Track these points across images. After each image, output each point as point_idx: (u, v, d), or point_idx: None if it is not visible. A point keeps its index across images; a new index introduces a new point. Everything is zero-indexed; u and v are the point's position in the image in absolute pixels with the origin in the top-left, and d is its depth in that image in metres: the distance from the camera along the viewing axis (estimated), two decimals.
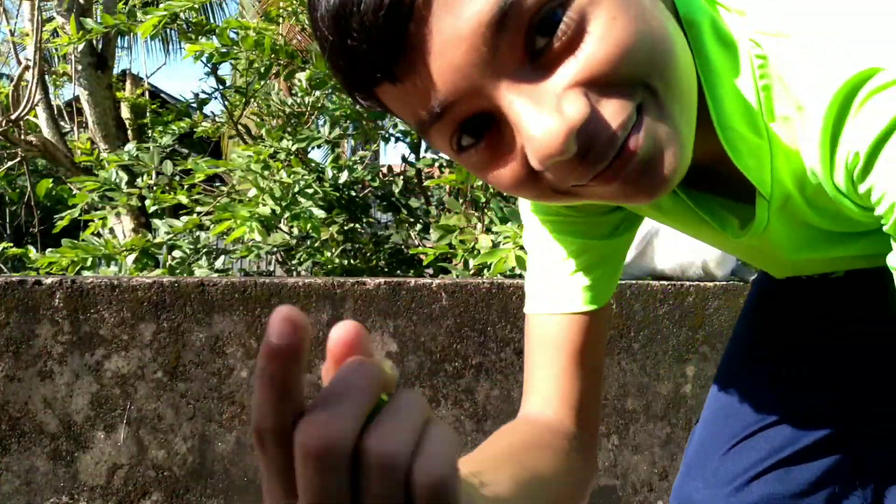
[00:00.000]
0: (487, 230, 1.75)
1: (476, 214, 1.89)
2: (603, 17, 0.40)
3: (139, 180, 2.18)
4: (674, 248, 1.30)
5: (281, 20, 2.68)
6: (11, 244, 2.70)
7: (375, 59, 0.42)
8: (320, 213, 1.99)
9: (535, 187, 0.47)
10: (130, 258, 1.90)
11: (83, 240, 1.92)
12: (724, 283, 1.26)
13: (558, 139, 0.40)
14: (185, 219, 2.02)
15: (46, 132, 3.59)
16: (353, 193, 2.33)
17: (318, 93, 2.35)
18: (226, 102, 2.69)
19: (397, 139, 2.52)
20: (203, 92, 2.67)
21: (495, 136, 0.45)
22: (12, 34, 3.87)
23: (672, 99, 0.44)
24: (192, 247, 2.07)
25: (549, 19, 0.40)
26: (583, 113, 0.41)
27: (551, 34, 0.41)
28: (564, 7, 0.40)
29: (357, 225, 2.35)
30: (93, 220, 2.16)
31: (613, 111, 0.42)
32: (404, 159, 2.53)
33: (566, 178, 0.44)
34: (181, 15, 2.32)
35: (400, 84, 0.43)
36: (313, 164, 2.30)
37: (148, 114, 3.49)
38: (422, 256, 2.15)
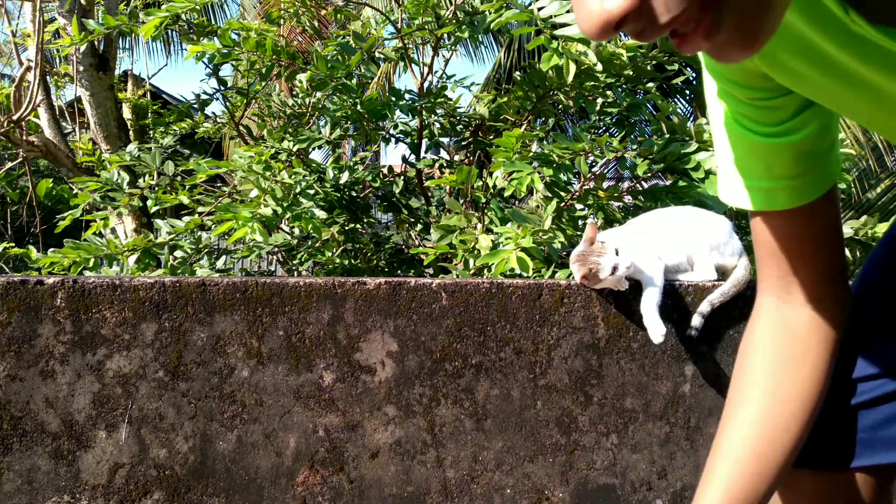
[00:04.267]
0: (488, 230, 1.76)
1: (476, 215, 1.90)
2: None
3: (141, 181, 2.19)
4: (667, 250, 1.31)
5: (282, 21, 2.69)
6: (13, 244, 2.71)
7: None
8: (321, 214, 2.00)
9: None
10: (132, 258, 1.90)
11: (85, 240, 1.93)
12: (719, 282, 1.26)
13: (594, 27, 0.40)
14: (186, 219, 2.03)
15: (48, 133, 3.60)
16: (354, 194, 2.34)
17: (318, 94, 2.35)
18: (227, 103, 2.69)
19: (398, 140, 2.53)
20: (204, 93, 2.68)
21: None
22: (14, 35, 3.88)
23: None
24: (193, 247, 2.07)
25: None
26: (623, 6, 0.39)
27: None
28: None
29: (358, 225, 2.35)
30: (94, 221, 2.17)
31: (665, 4, 0.39)
32: (405, 160, 2.54)
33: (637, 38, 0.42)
34: (183, 16, 2.33)
35: None
36: (314, 165, 2.31)
37: (149, 114, 3.50)
38: (422, 256, 2.16)
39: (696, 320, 1.22)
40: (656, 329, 1.17)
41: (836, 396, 0.76)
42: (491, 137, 2.46)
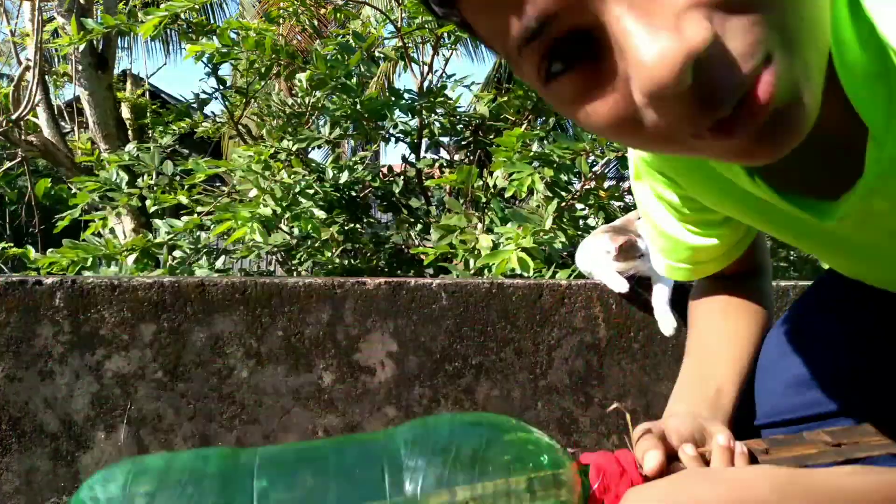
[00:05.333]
0: (488, 230, 1.76)
1: (476, 215, 1.89)
2: None
3: (140, 180, 2.18)
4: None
5: (281, 21, 2.68)
6: (11, 244, 2.70)
7: None
8: (321, 214, 1.99)
9: (636, 130, 0.38)
10: (131, 258, 1.90)
11: (84, 240, 1.92)
12: None
13: (674, 65, 0.32)
14: (185, 219, 2.02)
15: (47, 132, 3.60)
16: (354, 193, 2.33)
17: (318, 93, 2.35)
18: (226, 103, 2.69)
19: (398, 139, 2.53)
20: (203, 92, 2.67)
21: (594, 61, 0.37)
22: (13, 34, 3.87)
23: (808, 38, 0.35)
24: (192, 247, 2.07)
25: None
26: (705, 37, 0.32)
27: None
28: None
29: (357, 225, 2.35)
30: (93, 221, 2.16)
31: (743, 46, 0.33)
32: (405, 159, 2.54)
33: (675, 124, 0.36)
34: (182, 15, 2.32)
35: None
36: (314, 165, 2.30)
37: (148, 114, 3.49)
38: (422, 256, 2.15)
39: None
40: (668, 322, 1.19)
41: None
42: (491, 137, 2.46)
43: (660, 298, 1.21)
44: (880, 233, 0.56)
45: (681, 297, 1.25)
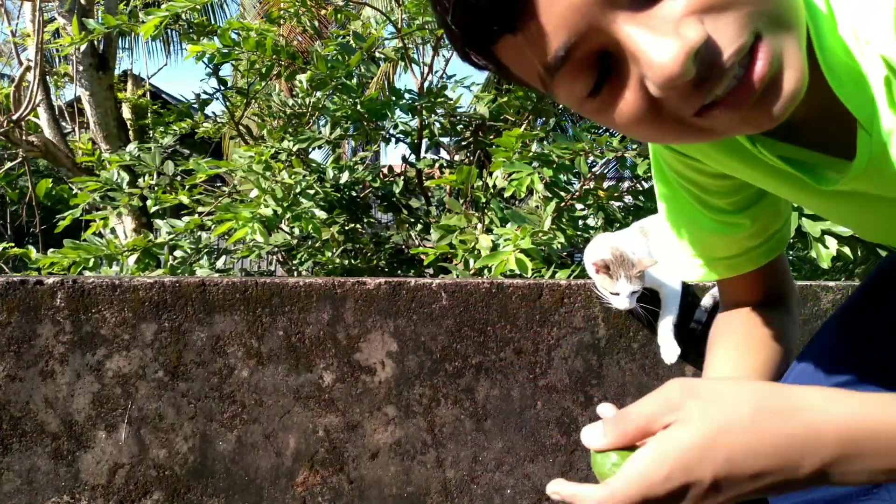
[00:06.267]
0: (488, 230, 1.76)
1: (476, 215, 1.90)
2: None
3: (141, 181, 2.19)
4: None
5: (282, 21, 2.69)
6: (13, 244, 2.71)
7: (496, 11, 0.44)
8: (321, 214, 2.00)
9: (657, 121, 0.48)
10: (132, 258, 1.90)
11: (85, 240, 1.93)
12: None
13: (679, 61, 0.42)
14: (186, 219, 2.03)
15: (48, 133, 3.60)
16: (354, 194, 2.34)
17: (319, 94, 2.35)
18: (227, 103, 2.69)
19: (398, 140, 2.53)
20: (204, 93, 2.68)
21: (616, 76, 0.47)
22: (14, 35, 3.88)
23: (790, 21, 0.44)
24: (193, 247, 2.07)
25: None
26: (701, 35, 0.42)
27: None
28: None
29: (358, 225, 2.35)
30: (94, 221, 2.17)
31: (730, 36, 0.43)
32: (405, 160, 2.54)
33: (686, 104, 0.45)
34: (183, 16, 2.33)
35: (520, 34, 0.45)
36: (314, 165, 2.30)
37: (149, 114, 3.50)
38: (422, 256, 2.16)
39: (699, 313, 1.22)
40: (671, 351, 1.18)
41: None
42: (491, 137, 2.46)
43: (666, 324, 1.21)
44: (875, 201, 0.59)
45: (683, 322, 1.25)
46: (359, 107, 2.21)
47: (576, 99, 0.48)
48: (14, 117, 3.10)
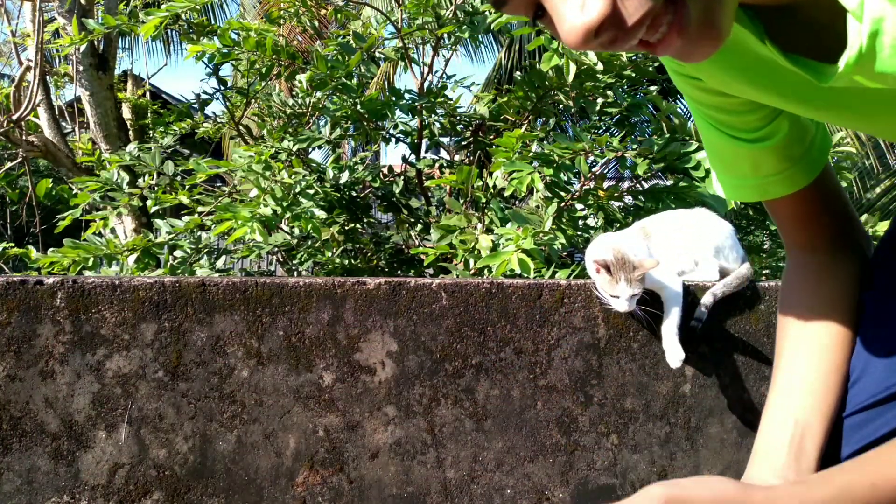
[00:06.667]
0: (488, 230, 1.76)
1: (476, 215, 1.90)
2: None
3: (140, 180, 2.19)
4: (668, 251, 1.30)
5: (282, 21, 2.69)
6: (12, 244, 2.71)
7: None
8: (321, 214, 2.00)
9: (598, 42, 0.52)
10: (132, 258, 1.90)
11: (85, 240, 1.93)
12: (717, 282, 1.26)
13: (578, 36, 0.47)
14: (186, 219, 2.03)
15: (48, 133, 3.60)
16: (354, 194, 2.34)
17: (318, 94, 2.35)
18: (227, 103, 2.70)
19: (398, 140, 2.53)
20: (204, 92, 2.68)
21: (547, 16, 0.53)
22: (14, 35, 3.88)
23: None
24: (193, 247, 2.07)
25: None
26: (601, 13, 0.46)
27: None
28: None
29: (358, 225, 2.35)
30: (94, 221, 2.17)
31: (635, 5, 0.47)
32: (405, 160, 2.54)
33: (613, 49, 0.50)
34: (183, 16, 2.33)
35: None
36: (314, 165, 2.30)
37: (149, 114, 3.50)
38: (422, 256, 2.16)
39: (700, 311, 1.22)
40: (675, 355, 1.17)
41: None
42: (491, 137, 2.46)
43: (670, 327, 1.19)
44: (870, 95, 0.61)
45: (684, 321, 1.25)
46: (359, 107, 2.21)
47: (529, 18, 0.55)
48: (14, 117, 3.10)
